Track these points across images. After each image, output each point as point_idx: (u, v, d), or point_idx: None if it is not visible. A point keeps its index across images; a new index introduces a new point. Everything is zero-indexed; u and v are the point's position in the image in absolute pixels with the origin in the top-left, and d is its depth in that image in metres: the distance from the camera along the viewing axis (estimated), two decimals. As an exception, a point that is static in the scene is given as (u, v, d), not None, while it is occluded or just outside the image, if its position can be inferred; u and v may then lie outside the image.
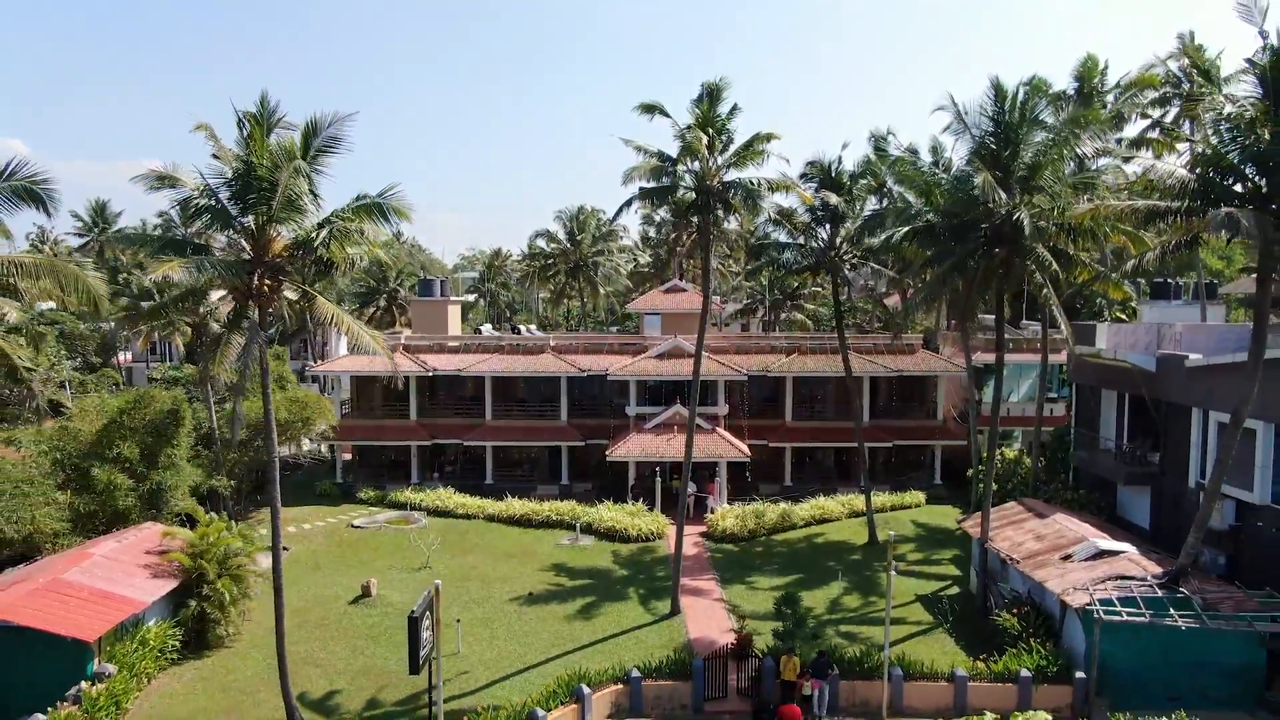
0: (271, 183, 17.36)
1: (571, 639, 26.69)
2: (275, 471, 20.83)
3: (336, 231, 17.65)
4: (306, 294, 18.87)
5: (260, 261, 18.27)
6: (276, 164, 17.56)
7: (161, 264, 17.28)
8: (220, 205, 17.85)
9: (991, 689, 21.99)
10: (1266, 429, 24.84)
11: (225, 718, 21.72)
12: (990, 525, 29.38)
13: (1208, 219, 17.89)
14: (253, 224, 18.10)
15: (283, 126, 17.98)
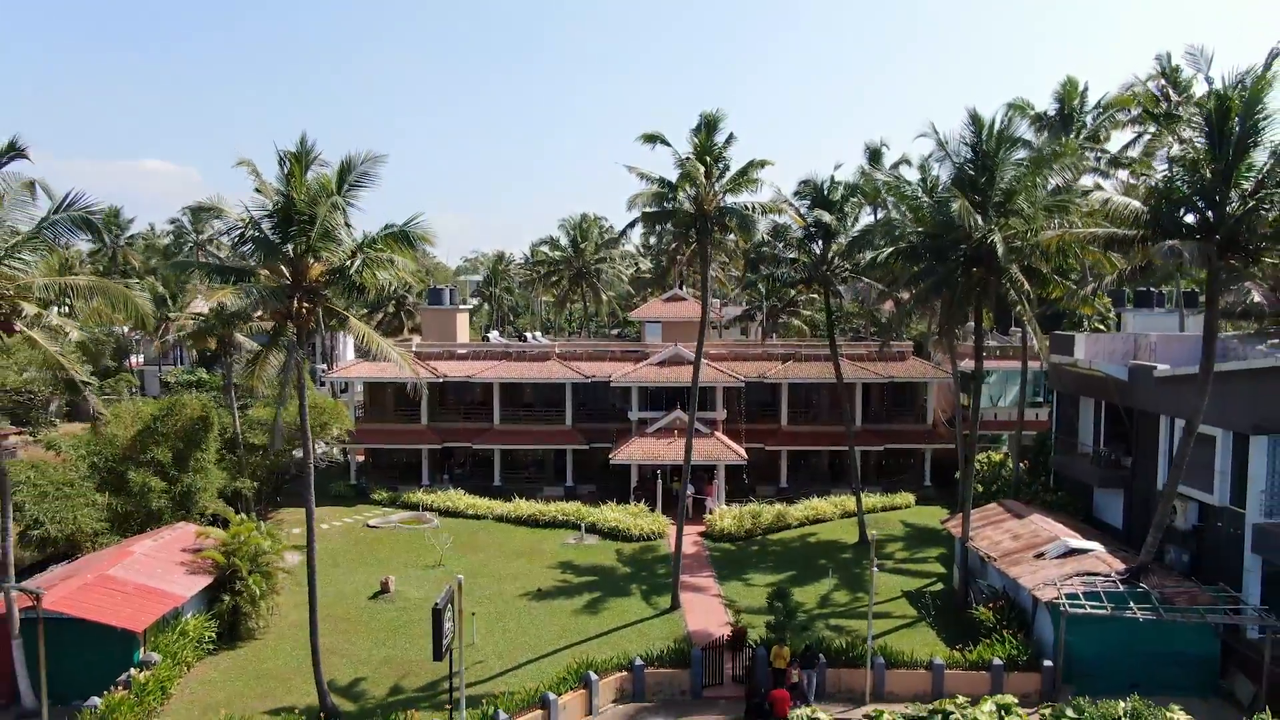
0: (310, 216, 19.22)
1: (578, 631, 28.53)
2: (310, 477, 22.71)
3: (369, 260, 19.52)
4: (340, 315, 20.75)
5: (299, 286, 20.14)
6: (314, 199, 19.43)
7: (216, 291, 19.20)
8: (264, 236, 19.70)
9: (966, 676, 23.83)
10: (1225, 436, 26.67)
11: (261, 702, 23.55)
12: (971, 525, 31.23)
13: (1156, 248, 19.72)
14: (292, 252, 19.97)
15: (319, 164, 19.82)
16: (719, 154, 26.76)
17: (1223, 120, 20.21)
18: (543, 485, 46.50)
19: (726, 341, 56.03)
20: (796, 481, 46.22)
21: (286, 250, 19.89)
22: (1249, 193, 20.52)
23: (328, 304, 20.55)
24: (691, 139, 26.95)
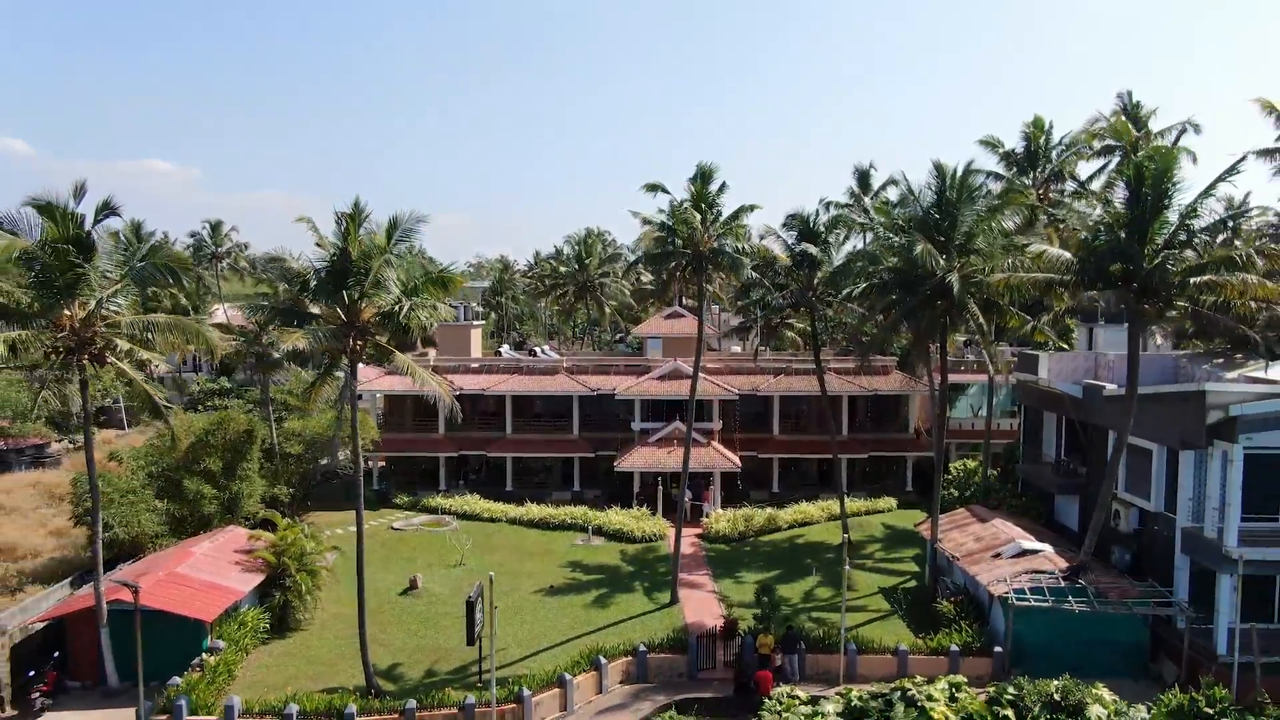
0: (365, 268, 22.69)
1: (588, 623, 31.97)
2: (360, 488, 26.18)
3: (415, 306, 22.97)
4: (386, 350, 24.20)
5: (352, 326, 23.58)
6: (368, 253, 22.91)
7: (289, 335, 22.66)
8: (326, 283, 23.12)
9: (928, 660, 27.28)
10: (1160, 450, 30.14)
11: (313, 683, 26.96)
12: (940, 528, 34.72)
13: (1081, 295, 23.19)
14: (347, 298, 23.42)
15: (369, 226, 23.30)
16: (713, 201, 30.27)
17: (1139, 185, 23.65)
18: (551, 490, 49.97)
19: (723, 355, 59.50)
20: (787, 487, 49.67)
21: (343, 296, 23.34)
22: (1160, 248, 23.97)
23: (377, 341, 24.02)
24: (688, 187, 30.46)
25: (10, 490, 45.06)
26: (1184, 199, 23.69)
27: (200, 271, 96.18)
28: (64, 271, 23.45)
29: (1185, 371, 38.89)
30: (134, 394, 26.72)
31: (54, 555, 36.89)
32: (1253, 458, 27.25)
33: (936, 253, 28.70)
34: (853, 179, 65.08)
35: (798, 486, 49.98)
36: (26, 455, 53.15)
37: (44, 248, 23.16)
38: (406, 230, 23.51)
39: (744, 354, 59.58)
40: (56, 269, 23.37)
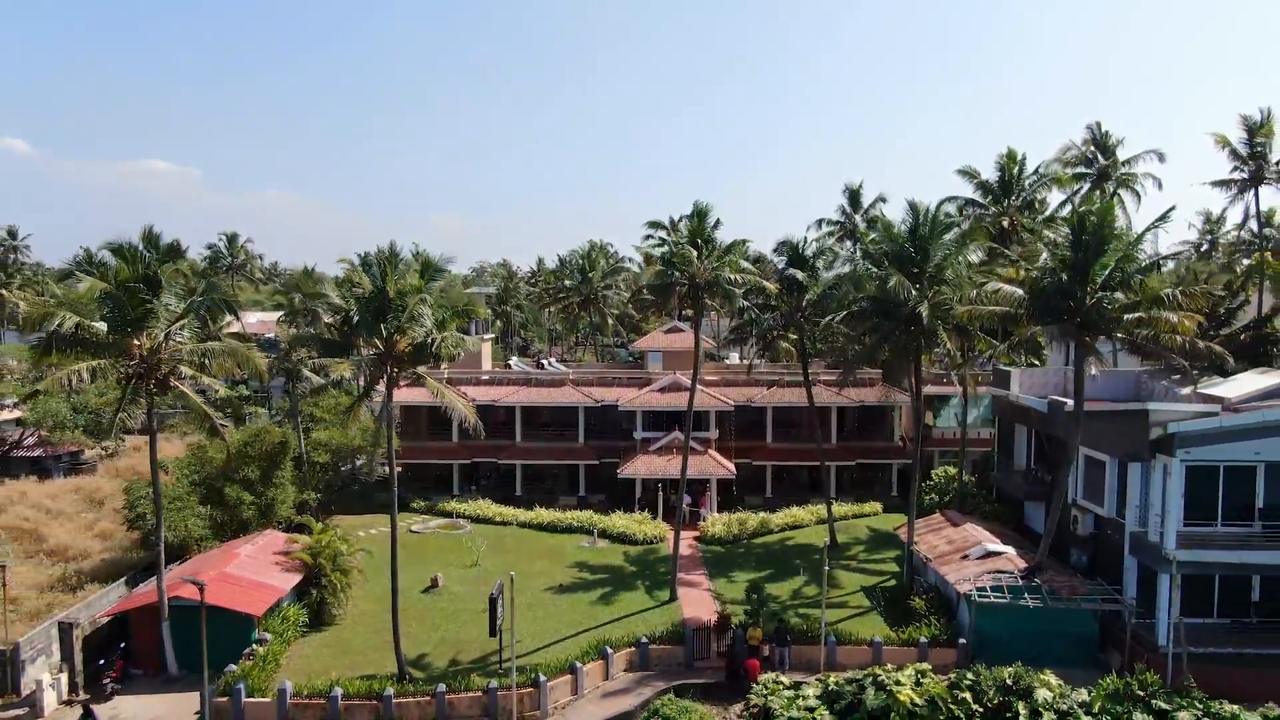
0: (401, 305, 25.85)
1: (594, 618, 35.11)
2: (395, 497, 29.32)
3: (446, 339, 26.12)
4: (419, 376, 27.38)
5: (389, 356, 26.74)
6: (403, 292, 26.07)
7: (338, 366, 25.85)
8: (367, 319, 26.24)
9: (900, 651, 30.40)
10: (1112, 462, 33.30)
11: (350, 671, 30.07)
12: (917, 532, 37.86)
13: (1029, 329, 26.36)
14: (384, 331, 26.57)
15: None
16: (708, 236, 33.45)
17: (1080, 233, 26.79)
18: (558, 495, 53.12)
19: (719, 367, 62.64)
20: (779, 492, 52.81)
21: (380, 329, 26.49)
22: (1099, 288, 27.12)
23: (412, 369, 27.18)
24: (687, 224, 33.64)
25: (55, 495, 48.22)
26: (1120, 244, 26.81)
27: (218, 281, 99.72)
28: (135, 307, 26.64)
29: (1146, 387, 42.16)
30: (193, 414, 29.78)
31: (103, 556, 40.04)
32: (1191, 469, 30.48)
33: (909, 284, 31.87)
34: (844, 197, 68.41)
35: (789, 492, 53.12)
36: (64, 462, 56.33)
37: (119, 287, 26.33)
38: (436, 270, 26.69)
39: (740, 365, 62.78)
40: (129, 305, 26.55)
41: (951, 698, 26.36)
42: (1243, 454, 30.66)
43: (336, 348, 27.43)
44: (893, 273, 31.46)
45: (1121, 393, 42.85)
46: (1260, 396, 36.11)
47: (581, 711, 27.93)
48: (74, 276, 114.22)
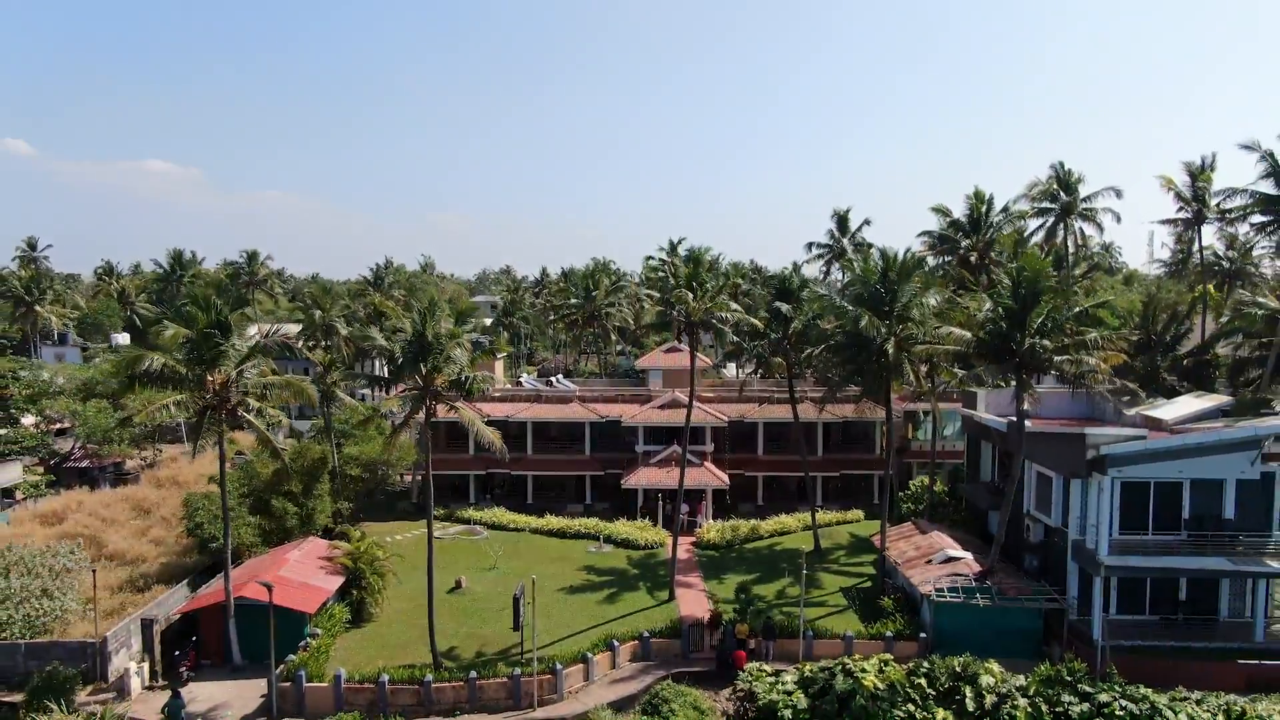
0: (439, 347, 30.25)
1: (602, 615, 39.45)
2: (430, 504, 33.65)
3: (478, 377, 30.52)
4: (455, 407, 31.78)
5: (428, 391, 31.15)
6: (439, 336, 30.45)
7: (388, 401, 30.19)
8: (410, 360, 30.59)
9: (868, 644, 34.76)
10: (1058, 478, 37.65)
11: (390, 660, 34.39)
12: (889, 539, 42.26)
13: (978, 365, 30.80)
14: (424, 369, 30.96)
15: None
16: (702, 279, 37.87)
17: (1017, 286, 31.21)
18: (566, 503, 57.48)
19: (715, 382, 66.98)
20: (769, 501, 57.19)
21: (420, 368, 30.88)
22: (1034, 333, 31.56)
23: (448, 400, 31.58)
24: (683, 266, 38.04)
25: (108, 504, 52.47)
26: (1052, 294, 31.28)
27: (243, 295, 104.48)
28: (210, 349, 31.04)
29: (1100, 407, 46.52)
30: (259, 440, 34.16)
31: (160, 560, 44.27)
32: (1124, 485, 34.91)
33: (879, 322, 36.31)
34: (832, 222, 72.97)
35: (779, 500, 57.51)
36: (109, 472, 60.69)
37: (198, 333, 30.74)
38: (468, 316, 31.10)
39: (735, 380, 67.11)
40: (205, 347, 30.95)
41: (909, 683, 30.72)
42: (1169, 472, 35.10)
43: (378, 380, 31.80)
44: (864, 313, 35.89)
45: (1078, 411, 47.22)
46: (1195, 418, 40.61)
47: (593, 695, 32.30)
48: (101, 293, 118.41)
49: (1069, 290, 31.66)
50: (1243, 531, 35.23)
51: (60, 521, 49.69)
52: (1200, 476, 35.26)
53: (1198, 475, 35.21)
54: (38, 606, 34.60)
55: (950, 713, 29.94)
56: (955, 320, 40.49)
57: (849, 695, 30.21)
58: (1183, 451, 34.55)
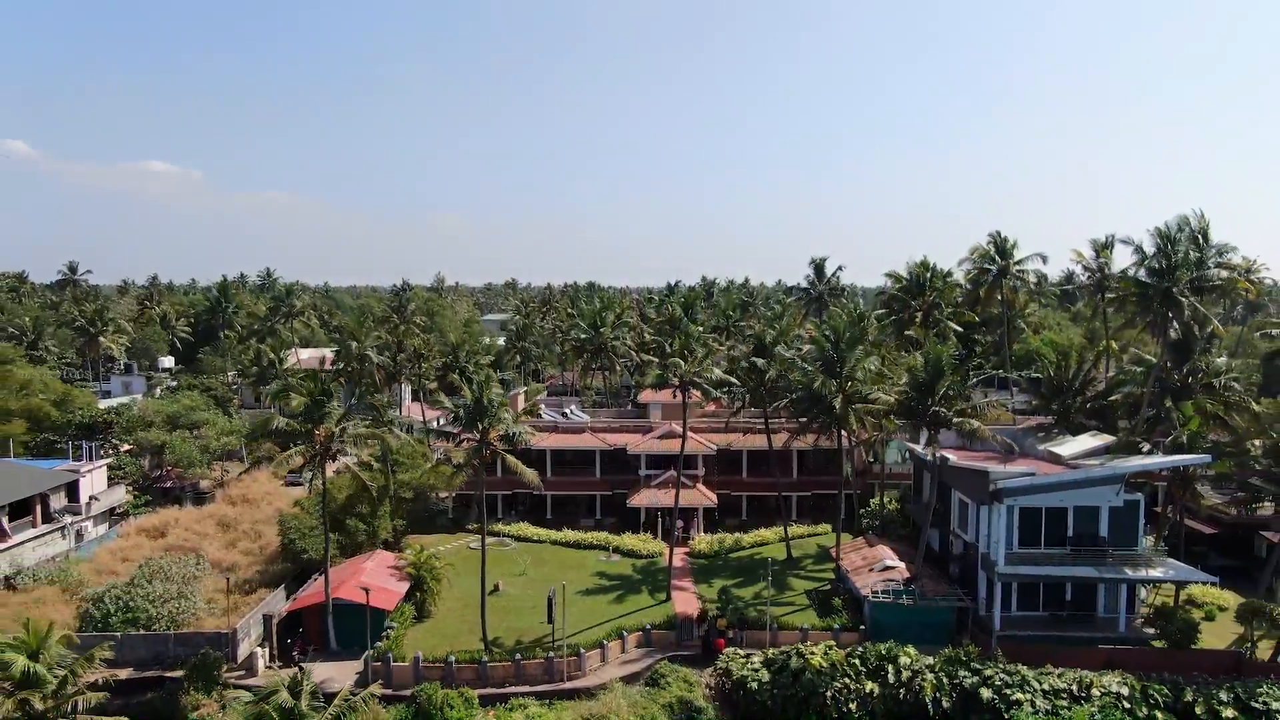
0: (492, 410, 40.01)
1: (612, 612, 49.09)
2: (485, 523, 43.42)
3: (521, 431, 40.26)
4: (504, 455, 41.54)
5: (485, 442, 40.92)
6: (492, 401, 40.23)
7: (455, 452, 39.95)
8: (471, 419, 40.35)
9: (820, 634, 44.40)
10: (973, 504, 47.44)
11: (450, 647, 44.04)
12: (843, 551, 52.01)
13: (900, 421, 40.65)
14: (480, 426, 40.70)
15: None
16: (692, 349, 47.71)
17: (925, 366, 41.14)
18: (580, 518, 67.15)
19: (704, 413, 76.77)
20: (752, 516, 66.86)
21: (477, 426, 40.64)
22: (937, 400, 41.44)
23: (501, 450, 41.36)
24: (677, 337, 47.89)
25: (199, 520, 62.28)
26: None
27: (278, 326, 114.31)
28: (317, 409, 40.81)
29: (1021, 440, 56.40)
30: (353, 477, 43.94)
31: (253, 569, 54.06)
32: (1021, 510, 44.65)
33: (831, 383, 46.13)
34: (810, 269, 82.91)
35: (760, 516, 67.14)
36: (189, 492, 70.42)
37: (309, 398, 40.55)
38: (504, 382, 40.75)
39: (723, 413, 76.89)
40: (314, 409, 40.74)
41: (846, 663, 40.56)
42: (1054, 501, 44.90)
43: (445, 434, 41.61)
44: (818, 375, 45.75)
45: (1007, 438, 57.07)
46: (1086, 455, 50.40)
47: (608, 672, 42.03)
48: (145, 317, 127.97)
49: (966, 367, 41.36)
50: (1115, 547, 45.09)
51: (163, 535, 59.56)
52: (1081, 504, 45.09)
53: (1078, 503, 45.05)
54: (176, 605, 44.38)
55: (876, 684, 39.80)
56: (898, 374, 50.36)
57: (800, 671, 40.09)
58: (1062, 485, 44.43)
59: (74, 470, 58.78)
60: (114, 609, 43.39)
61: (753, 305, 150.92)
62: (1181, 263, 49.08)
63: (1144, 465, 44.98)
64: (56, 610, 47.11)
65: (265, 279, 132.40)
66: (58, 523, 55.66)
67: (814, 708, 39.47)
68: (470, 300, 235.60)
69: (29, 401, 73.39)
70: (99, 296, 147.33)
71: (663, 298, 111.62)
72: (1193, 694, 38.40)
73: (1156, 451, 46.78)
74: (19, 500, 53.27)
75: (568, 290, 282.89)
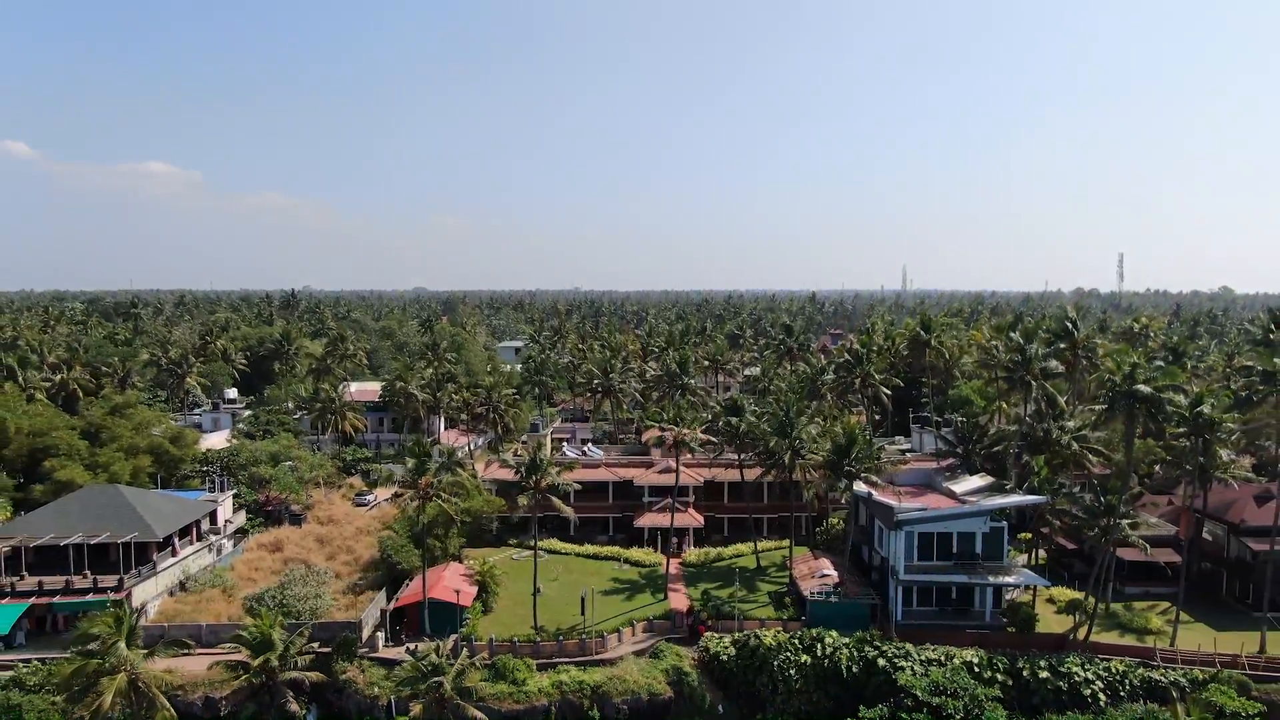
0: (542, 467, 56.99)
1: (624, 607, 65.94)
2: (535, 540, 60.57)
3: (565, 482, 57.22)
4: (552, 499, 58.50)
5: (537, 490, 57.95)
6: (542, 460, 57.20)
7: (522, 498, 57.05)
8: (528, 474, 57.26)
9: (774, 623, 61.22)
10: (885, 529, 64.59)
11: (510, 632, 60.98)
12: (795, 563, 69.18)
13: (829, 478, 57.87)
14: (531, 479, 57.67)
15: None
16: (684, 418, 64.85)
17: (843, 436, 58.28)
18: (596, 535, 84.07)
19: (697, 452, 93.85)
20: (732, 534, 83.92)
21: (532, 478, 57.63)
22: (852, 461, 58.54)
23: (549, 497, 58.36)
24: (669, 409, 64.99)
25: (303, 537, 79.27)
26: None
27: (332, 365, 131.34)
28: (419, 465, 57.92)
29: (931, 477, 73.66)
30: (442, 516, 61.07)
31: (353, 577, 71.04)
32: (919, 535, 61.78)
33: (783, 443, 63.30)
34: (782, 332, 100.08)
35: (738, 534, 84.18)
36: (286, 513, 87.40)
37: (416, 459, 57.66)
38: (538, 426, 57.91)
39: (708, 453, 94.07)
40: (418, 466, 57.87)
41: (789, 643, 57.68)
42: (941, 527, 62.08)
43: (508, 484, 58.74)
44: (772, 438, 62.92)
45: (920, 479, 74.36)
46: (973, 492, 67.61)
47: (623, 649, 58.99)
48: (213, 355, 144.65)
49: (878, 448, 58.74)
50: (985, 560, 62.26)
51: (279, 549, 76.66)
52: (961, 530, 62.28)
53: (959, 529, 62.26)
54: (314, 603, 61.42)
55: (809, 656, 56.84)
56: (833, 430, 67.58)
57: (756, 648, 57.16)
58: (944, 517, 61.63)
59: (213, 500, 75.84)
60: (271, 605, 60.37)
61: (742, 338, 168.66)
62: (1034, 355, 66.35)
63: (1000, 504, 62.03)
64: (221, 606, 64.42)
65: (290, 298, 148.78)
66: (206, 541, 72.66)
67: (765, 673, 56.55)
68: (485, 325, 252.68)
69: (153, 440, 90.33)
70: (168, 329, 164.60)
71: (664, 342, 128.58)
72: (1023, 663, 55.45)
73: (1016, 492, 63.85)
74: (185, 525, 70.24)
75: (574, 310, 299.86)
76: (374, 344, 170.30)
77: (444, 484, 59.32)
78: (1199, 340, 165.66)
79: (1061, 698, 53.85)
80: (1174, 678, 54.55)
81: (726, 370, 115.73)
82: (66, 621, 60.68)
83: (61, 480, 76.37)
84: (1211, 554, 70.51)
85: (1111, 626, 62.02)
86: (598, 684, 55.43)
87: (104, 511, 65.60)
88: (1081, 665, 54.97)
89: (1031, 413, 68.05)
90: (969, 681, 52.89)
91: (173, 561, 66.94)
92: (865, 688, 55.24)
